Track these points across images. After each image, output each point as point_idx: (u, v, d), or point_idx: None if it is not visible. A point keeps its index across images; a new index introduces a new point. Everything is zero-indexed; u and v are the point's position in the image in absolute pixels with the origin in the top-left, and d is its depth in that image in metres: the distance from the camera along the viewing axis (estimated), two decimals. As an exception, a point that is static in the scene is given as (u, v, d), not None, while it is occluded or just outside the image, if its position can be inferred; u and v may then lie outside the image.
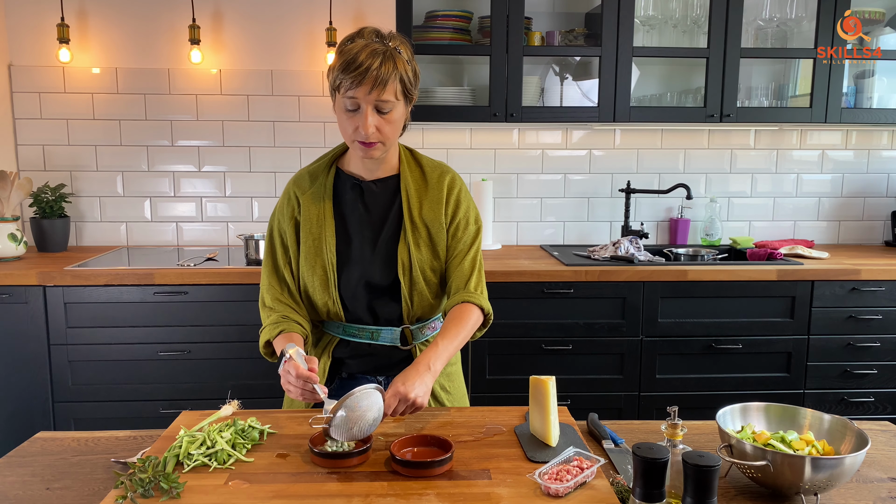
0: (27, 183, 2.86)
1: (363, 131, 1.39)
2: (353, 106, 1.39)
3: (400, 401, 1.29)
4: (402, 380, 1.32)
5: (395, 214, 1.54)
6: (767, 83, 3.14)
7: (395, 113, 1.42)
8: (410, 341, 1.56)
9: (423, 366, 1.36)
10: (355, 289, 1.52)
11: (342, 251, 1.52)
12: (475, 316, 1.50)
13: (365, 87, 1.35)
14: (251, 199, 3.18)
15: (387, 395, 1.29)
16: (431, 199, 1.54)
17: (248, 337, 2.62)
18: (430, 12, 2.91)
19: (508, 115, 2.84)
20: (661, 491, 0.99)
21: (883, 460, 1.30)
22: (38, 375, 2.58)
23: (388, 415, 1.29)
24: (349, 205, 1.54)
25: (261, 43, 3.08)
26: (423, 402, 1.32)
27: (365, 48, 1.36)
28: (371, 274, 1.51)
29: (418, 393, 1.31)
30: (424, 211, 1.53)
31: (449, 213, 1.55)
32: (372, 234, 1.53)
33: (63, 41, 2.89)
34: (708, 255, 3.07)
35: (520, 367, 2.66)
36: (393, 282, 1.52)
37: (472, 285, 1.52)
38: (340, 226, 1.53)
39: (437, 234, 1.53)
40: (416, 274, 1.51)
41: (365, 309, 1.54)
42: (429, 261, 1.53)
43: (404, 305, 1.52)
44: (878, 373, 2.76)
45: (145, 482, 1.09)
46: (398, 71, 1.38)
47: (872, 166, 3.33)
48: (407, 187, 1.54)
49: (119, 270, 2.56)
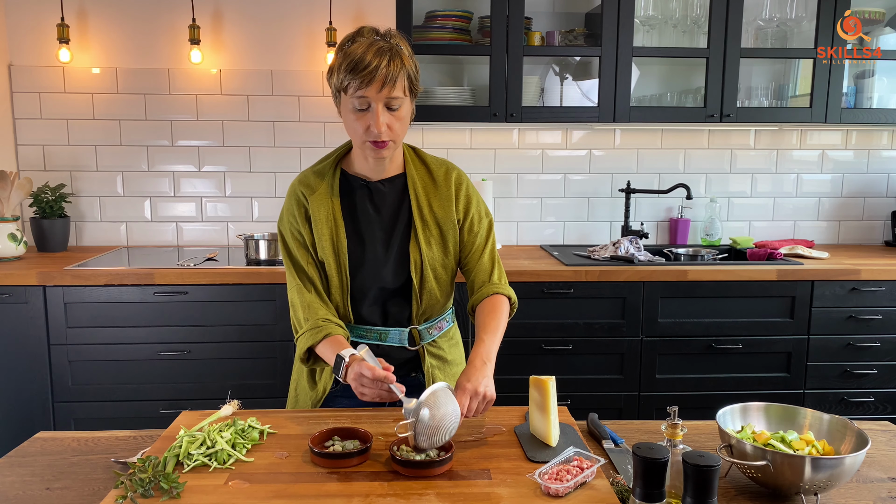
0: (27, 183, 2.86)
1: (375, 130, 1.39)
2: (362, 105, 1.38)
3: (472, 398, 1.30)
4: (466, 378, 1.33)
5: (405, 213, 1.53)
6: (767, 83, 3.14)
7: (404, 109, 1.42)
8: (418, 342, 1.55)
9: (479, 361, 1.37)
10: (368, 291, 1.51)
11: (355, 253, 1.51)
12: (506, 306, 1.53)
13: (375, 86, 1.35)
14: (251, 199, 3.18)
15: (459, 397, 1.29)
16: (441, 196, 1.54)
17: (248, 337, 2.62)
18: (430, 12, 2.91)
19: (508, 115, 2.84)
20: (661, 491, 0.99)
21: (883, 460, 1.30)
22: (38, 375, 2.58)
23: (466, 415, 1.29)
24: (358, 206, 1.53)
25: (261, 43, 3.08)
26: (493, 395, 1.34)
27: (370, 47, 1.36)
28: (384, 275, 1.51)
29: (487, 385, 1.33)
30: (435, 209, 1.53)
31: (461, 209, 1.55)
32: (384, 235, 1.52)
33: (63, 41, 2.89)
34: (708, 255, 3.07)
35: (520, 367, 2.66)
36: (405, 282, 1.51)
37: (495, 277, 1.56)
38: (351, 228, 1.52)
39: (448, 231, 1.53)
40: (428, 272, 1.50)
41: (376, 310, 1.53)
42: (440, 259, 1.53)
43: (414, 305, 1.52)
44: (878, 373, 2.76)
45: (145, 482, 1.09)
46: (405, 67, 1.39)
47: (872, 166, 3.33)
48: (415, 185, 1.53)
49: (119, 270, 2.56)
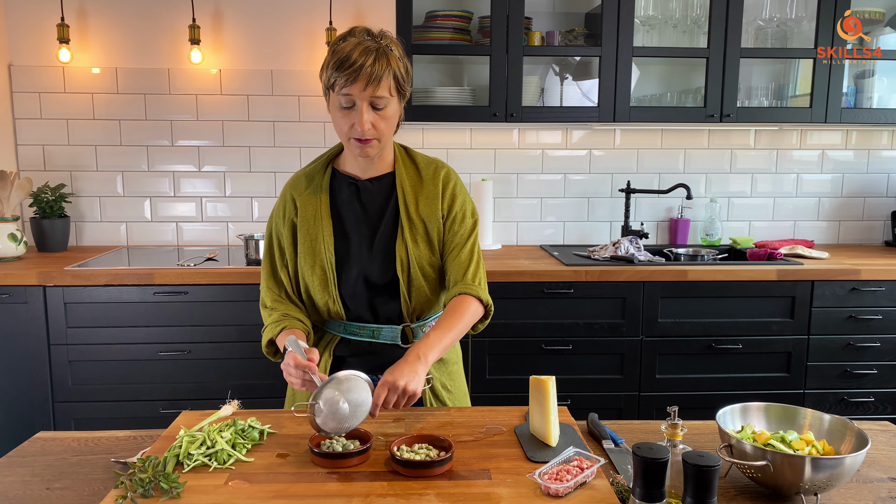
0: (27, 183, 2.86)
1: (359, 128, 1.41)
2: (348, 103, 1.41)
3: (390, 390, 1.29)
4: (390, 371, 1.32)
5: (391, 212, 1.54)
6: (767, 83, 3.14)
7: (390, 109, 1.44)
8: (411, 339, 1.56)
9: (412, 356, 1.36)
10: (354, 287, 1.53)
11: (340, 250, 1.53)
12: (472, 307, 1.49)
13: (360, 84, 1.37)
14: (251, 199, 3.18)
15: (377, 388, 1.30)
16: (427, 194, 1.55)
17: (248, 337, 2.62)
18: (430, 12, 2.91)
19: (508, 115, 2.84)
20: (661, 491, 0.99)
21: (883, 460, 1.30)
22: (38, 375, 2.58)
23: (381, 406, 1.28)
24: (346, 204, 1.55)
25: (261, 43, 3.08)
26: (416, 390, 1.30)
27: (358, 46, 1.38)
28: (370, 271, 1.52)
29: (408, 380, 1.30)
30: (421, 207, 1.54)
31: (445, 206, 1.55)
32: (369, 232, 1.54)
33: (63, 41, 2.89)
34: (708, 255, 3.07)
35: (520, 367, 2.66)
36: (392, 279, 1.53)
37: (469, 276, 1.52)
38: (338, 225, 1.54)
39: (434, 229, 1.54)
40: (415, 270, 1.51)
41: (365, 307, 1.54)
42: (427, 257, 1.53)
43: (403, 302, 1.53)
44: (878, 373, 2.76)
45: (145, 482, 1.09)
46: (391, 67, 1.40)
47: (872, 166, 3.33)
48: (402, 184, 1.55)
49: (119, 270, 2.56)
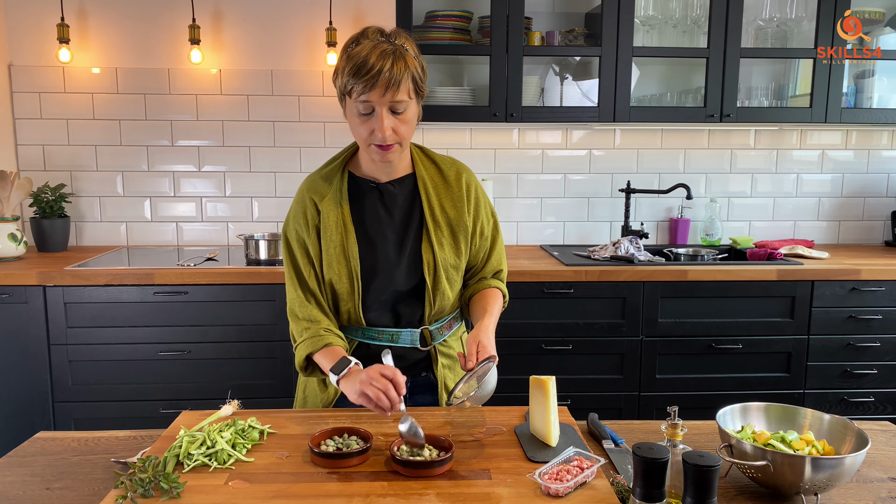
0: (27, 183, 2.86)
1: (380, 134, 1.36)
2: (366, 110, 1.36)
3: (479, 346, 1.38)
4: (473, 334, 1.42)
5: (416, 214, 1.51)
6: (767, 83, 3.14)
7: (410, 112, 1.39)
8: (429, 342, 1.54)
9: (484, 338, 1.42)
10: (381, 295, 1.49)
11: (366, 258, 1.48)
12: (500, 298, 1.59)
13: (379, 90, 1.32)
14: (251, 199, 3.18)
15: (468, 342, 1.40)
16: (452, 196, 1.53)
17: (248, 337, 2.62)
18: (430, 12, 2.91)
19: (508, 115, 2.84)
20: (661, 491, 0.99)
21: (883, 460, 1.30)
22: (38, 375, 2.58)
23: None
24: (368, 209, 1.51)
25: (261, 43, 3.08)
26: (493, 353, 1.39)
27: (374, 49, 1.32)
28: (398, 278, 1.49)
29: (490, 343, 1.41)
30: (447, 208, 1.52)
31: (471, 211, 1.54)
32: (396, 237, 1.50)
33: (63, 41, 2.89)
34: (708, 255, 3.07)
35: (520, 367, 2.66)
36: (418, 283, 1.50)
37: (503, 274, 1.63)
38: (361, 232, 1.50)
39: (459, 233, 1.52)
40: (440, 273, 1.49)
41: (388, 313, 1.52)
42: (452, 260, 1.52)
43: (427, 305, 1.51)
44: (878, 373, 2.76)
45: (145, 482, 1.09)
46: (409, 69, 1.35)
47: (872, 166, 3.33)
48: (425, 186, 1.51)
49: (119, 270, 2.56)
